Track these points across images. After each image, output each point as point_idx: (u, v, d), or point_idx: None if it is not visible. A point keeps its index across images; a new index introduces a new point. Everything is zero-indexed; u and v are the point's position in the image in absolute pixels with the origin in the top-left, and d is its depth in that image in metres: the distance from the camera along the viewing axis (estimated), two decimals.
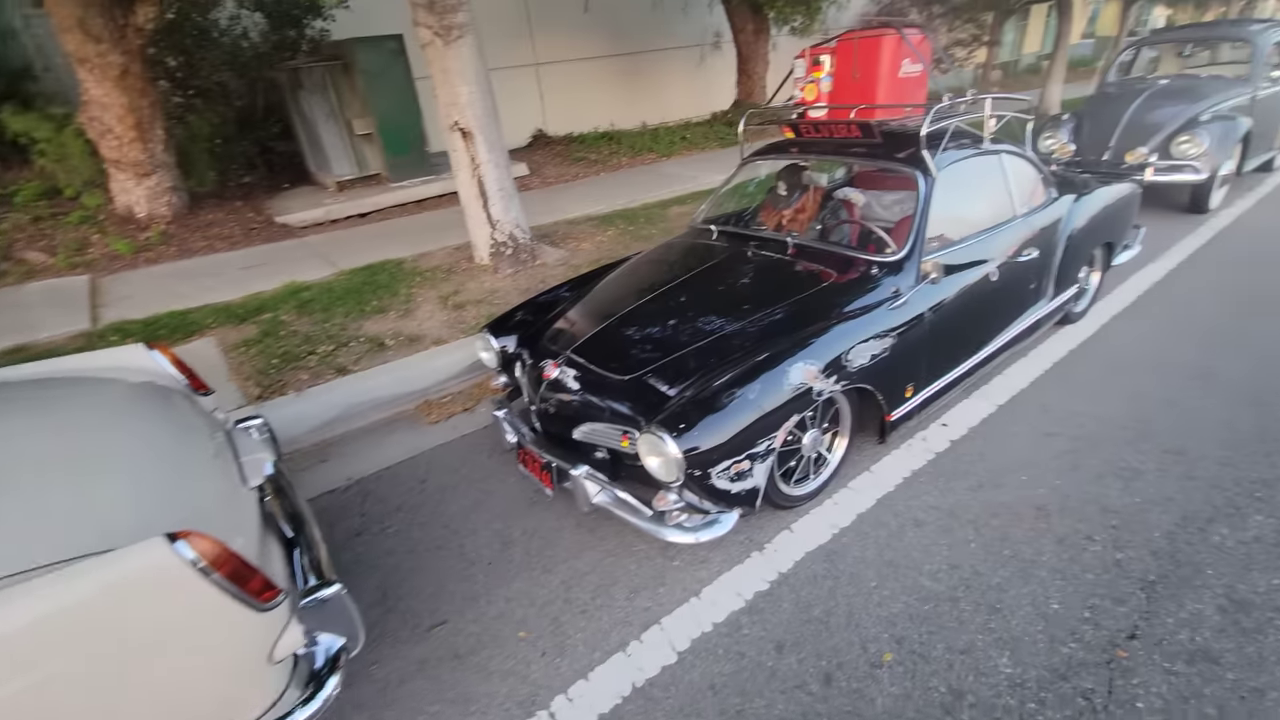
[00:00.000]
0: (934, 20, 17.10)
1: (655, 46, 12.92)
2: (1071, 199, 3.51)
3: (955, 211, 2.91)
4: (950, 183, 2.84)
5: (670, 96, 13.34)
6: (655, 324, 2.61)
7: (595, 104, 12.66)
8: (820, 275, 2.71)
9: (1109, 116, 5.88)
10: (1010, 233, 3.07)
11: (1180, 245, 5.02)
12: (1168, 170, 5.50)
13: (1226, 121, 5.51)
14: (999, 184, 3.12)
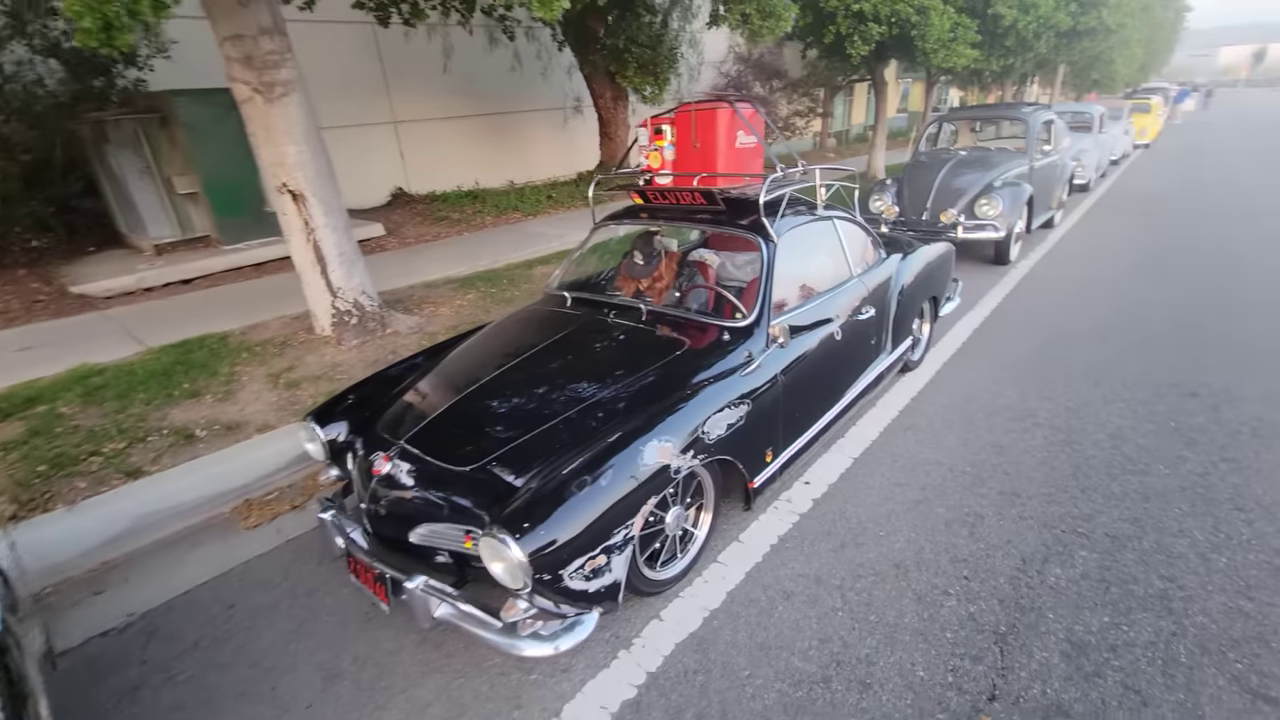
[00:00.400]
0: (775, 93, 18.89)
1: (518, 108, 13.04)
2: (899, 258, 3.79)
3: (798, 275, 2.99)
4: (791, 247, 2.92)
5: (536, 156, 13.45)
6: (501, 404, 2.39)
7: (459, 162, 12.46)
8: (674, 343, 2.64)
9: (923, 182, 6.60)
10: (849, 292, 3.21)
11: (991, 294, 5.64)
12: (974, 229, 6.23)
13: (1015, 187, 6.38)
14: (835, 247, 3.28)
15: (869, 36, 8.25)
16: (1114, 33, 9.81)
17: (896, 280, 3.67)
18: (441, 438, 2.25)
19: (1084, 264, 6.56)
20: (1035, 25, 7.88)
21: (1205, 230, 7.75)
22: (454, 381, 2.54)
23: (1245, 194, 10.20)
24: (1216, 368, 4.02)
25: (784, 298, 2.84)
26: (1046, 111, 7.27)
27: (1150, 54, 24.71)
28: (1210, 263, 6.32)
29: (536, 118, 13.29)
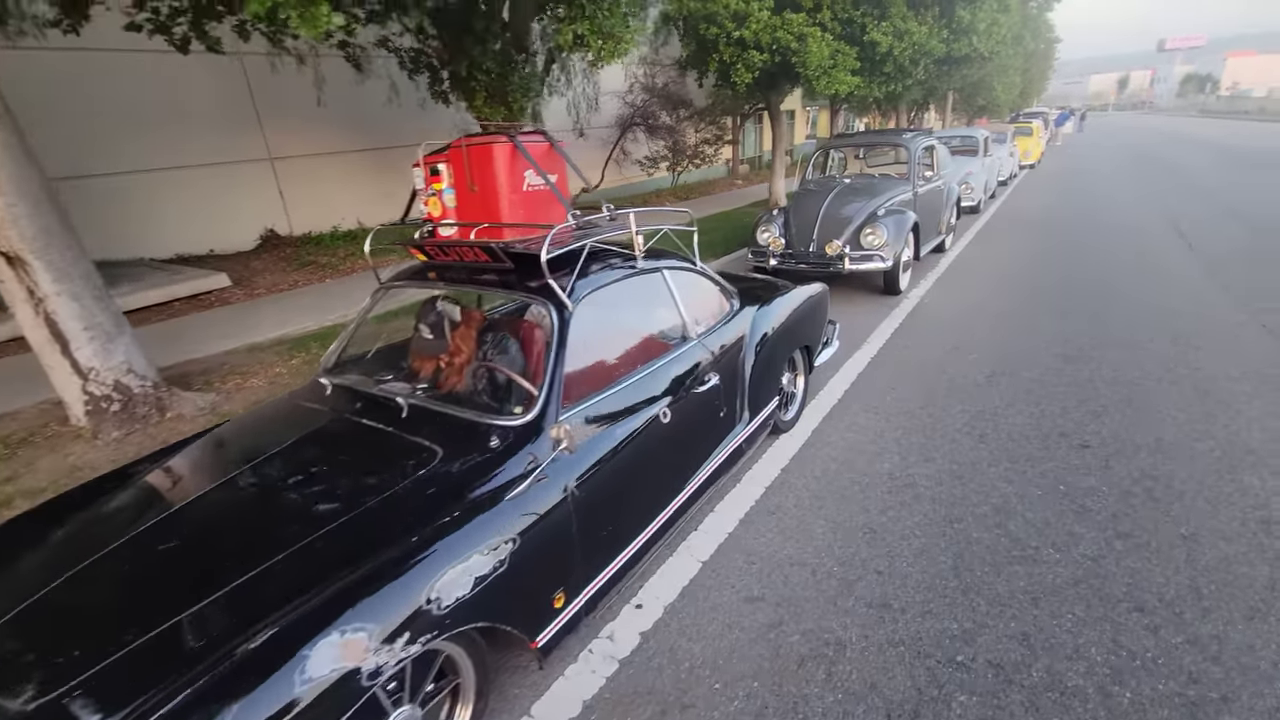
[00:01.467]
0: (682, 122, 18.81)
1: (403, 141, 12.20)
2: (754, 309, 3.25)
3: (609, 346, 2.38)
4: (599, 312, 2.31)
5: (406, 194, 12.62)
6: (142, 573, 1.63)
7: (346, 200, 11.55)
8: (424, 456, 1.94)
9: (808, 212, 6.24)
10: (684, 360, 2.62)
11: (878, 331, 5.25)
12: (861, 260, 5.89)
13: (898, 215, 6.09)
14: (665, 306, 2.69)
15: (752, 64, 7.98)
16: (989, 60, 10.01)
17: (753, 335, 3.12)
18: (23, 640, 1.46)
19: (973, 290, 6.33)
20: (911, 51, 7.82)
21: (1087, 246, 7.80)
22: (80, 544, 1.75)
23: (1121, 207, 10.56)
24: (1106, 409, 3.67)
25: (587, 378, 2.21)
26: (927, 137, 7.12)
27: (1028, 81, 26.39)
28: (1094, 284, 6.22)
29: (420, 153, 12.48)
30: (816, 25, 7.89)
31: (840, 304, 6.02)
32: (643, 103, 17.20)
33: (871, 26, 7.56)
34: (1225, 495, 2.82)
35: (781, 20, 7.75)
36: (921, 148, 6.87)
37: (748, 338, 3.08)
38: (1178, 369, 4.16)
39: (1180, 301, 5.58)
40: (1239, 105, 69.21)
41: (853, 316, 5.64)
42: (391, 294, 2.74)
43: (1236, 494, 2.82)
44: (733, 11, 7.83)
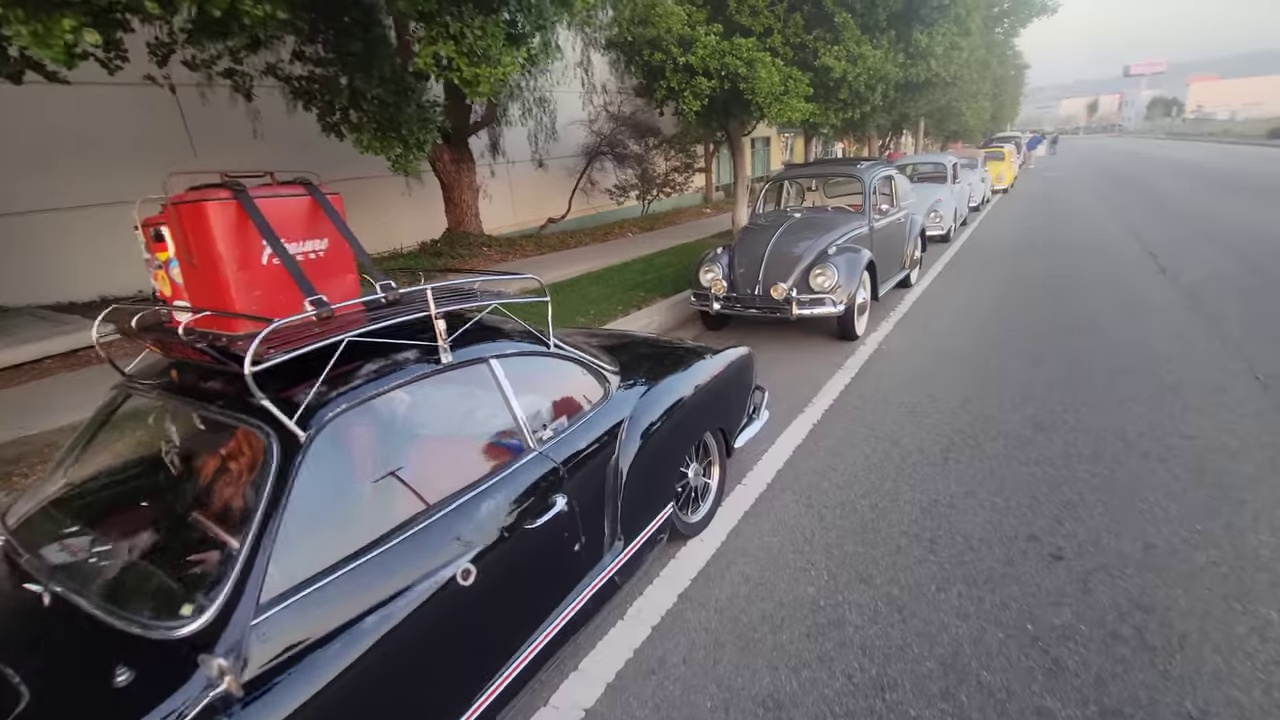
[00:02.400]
0: (651, 150, 18.40)
1: (354, 173, 11.61)
2: (641, 391, 2.57)
3: (373, 489, 1.67)
4: (361, 438, 1.62)
5: (381, 225, 12.01)
6: None
7: None
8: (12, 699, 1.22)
9: (755, 249, 5.62)
10: (510, 485, 1.90)
11: (827, 387, 4.58)
12: (810, 304, 5.25)
13: (851, 253, 5.48)
14: (489, 410, 1.99)
15: (700, 92, 7.43)
16: (952, 85, 9.59)
17: (634, 429, 2.43)
18: None
19: (938, 332, 5.70)
20: (866, 77, 7.32)
21: (1061, 277, 7.25)
22: None
23: (1094, 233, 10.10)
24: (1083, 498, 3.00)
25: (328, 543, 1.50)
26: (884, 167, 6.56)
27: (998, 106, 26.41)
28: (1070, 323, 5.62)
29: (377, 184, 11.89)
30: (767, 50, 7.38)
31: (789, 352, 5.37)
32: (610, 131, 16.76)
33: (824, 51, 7.06)
34: (1239, 640, 2.13)
35: (730, 45, 7.23)
36: (877, 179, 6.30)
37: (626, 433, 2.38)
38: (1167, 437, 3.52)
39: (1164, 343, 4.98)
40: (1204, 128, 70.80)
41: (801, 368, 4.98)
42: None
43: (1253, 638, 2.14)
44: (678, 37, 7.30)
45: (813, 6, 7.30)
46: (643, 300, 6.98)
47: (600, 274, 8.62)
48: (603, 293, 7.38)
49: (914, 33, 7.52)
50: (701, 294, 5.74)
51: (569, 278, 8.49)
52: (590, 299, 7.08)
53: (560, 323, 6.01)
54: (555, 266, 9.20)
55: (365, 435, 1.66)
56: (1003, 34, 15.58)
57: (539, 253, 10.82)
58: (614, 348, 3.07)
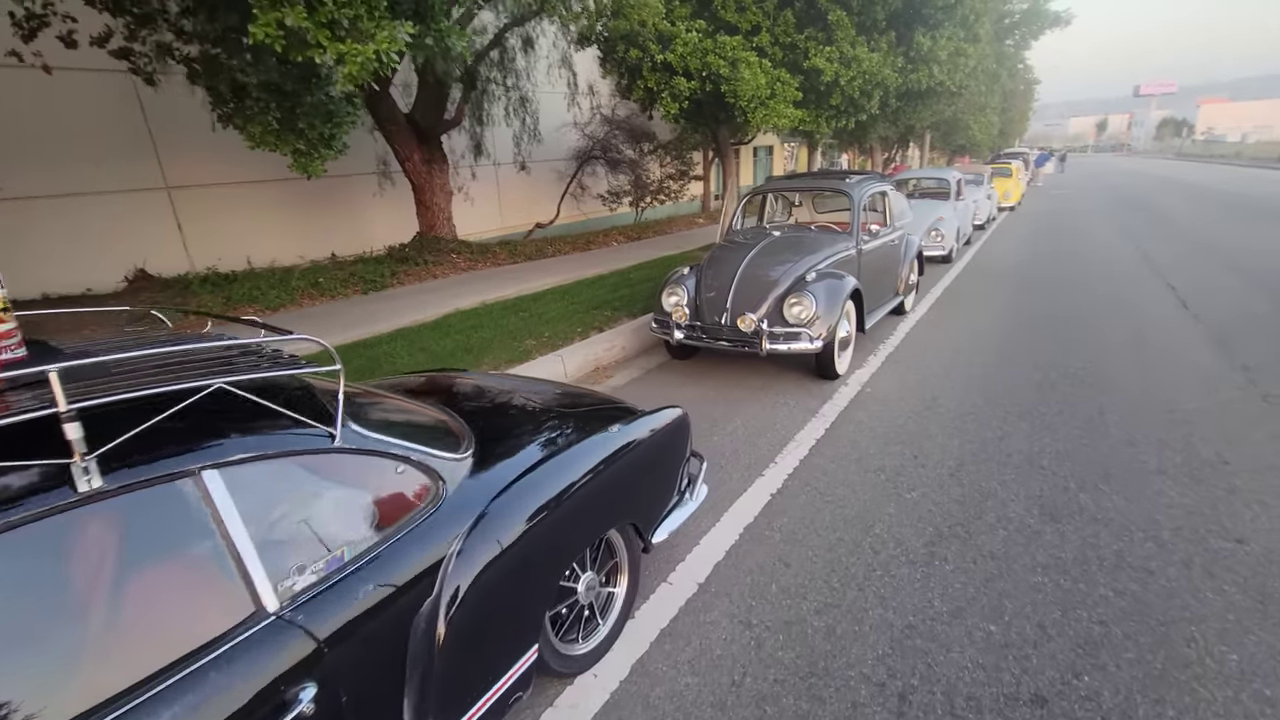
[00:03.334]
0: (645, 156, 17.71)
1: (344, 170, 10.94)
2: (505, 478, 1.83)
3: None
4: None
5: (351, 227, 11.35)
6: None
7: (260, 235, 10.27)
8: None
9: (724, 272, 4.89)
10: (206, 688, 1.18)
11: (794, 443, 3.84)
12: (784, 339, 4.52)
13: (832, 280, 4.74)
14: (186, 556, 1.26)
15: (679, 93, 6.71)
16: (958, 95, 8.87)
17: (478, 544, 1.68)
18: None
19: (931, 374, 4.96)
20: (860, 82, 6.60)
21: (1072, 309, 6.50)
22: None
23: (1107, 259, 9.35)
24: (1107, 632, 2.24)
25: None
26: (876, 182, 5.82)
27: (1006, 121, 25.67)
28: (1082, 368, 4.87)
29: (349, 184, 11.23)
30: (753, 50, 6.66)
31: (757, 392, 4.63)
32: (603, 134, 16.07)
33: (814, 51, 6.33)
34: None
35: (713, 44, 6.51)
36: (868, 195, 5.56)
37: (461, 552, 1.64)
38: (1211, 538, 2.76)
39: (1194, 398, 4.23)
40: (1215, 150, 69.85)
41: (768, 413, 4.24)
42: None
43: None
44: (656, 32, 6.59)
45: (805, 3, 6.59)
46: (606, 321, 6.26)
47: (569, 289, 7.91)
48: (563, 311, 6.66)
49: (915, 35, 6.79)
50: (664, 320, 5.02)
51: (533, 292, 7.77)
52: (547, 319, 6.36)
53: (501, 350, 5.28)
54: (523, 278, 8.49)
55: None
56: (1013, 46, 14.86)
57: (512, 261, 10.12)
58: (493, 409, 2.35)
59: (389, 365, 5.06)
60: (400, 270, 8.72)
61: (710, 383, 4.93)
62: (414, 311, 6.78)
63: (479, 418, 2.15)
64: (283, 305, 7.18)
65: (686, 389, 4.84)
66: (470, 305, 7.06)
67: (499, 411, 2.33)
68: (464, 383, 2.70)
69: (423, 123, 9.71)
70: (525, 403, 2.47)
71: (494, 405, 2.40)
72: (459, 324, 6.26)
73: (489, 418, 2.24)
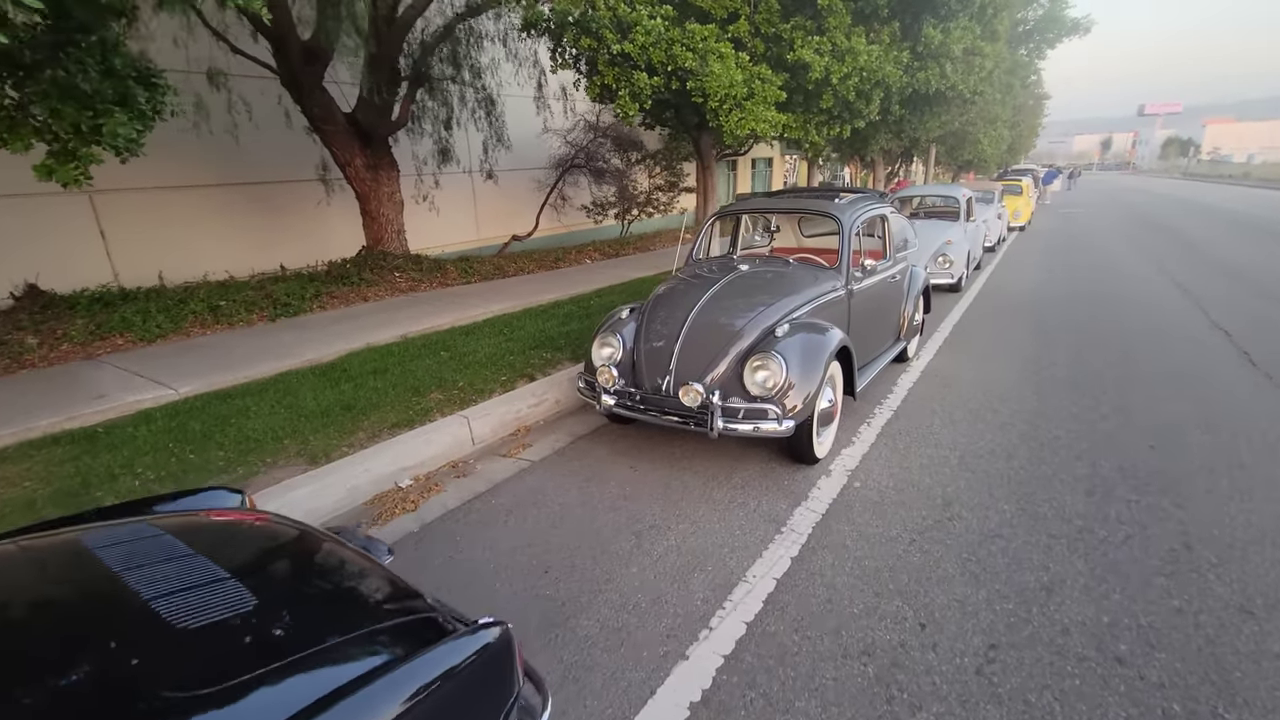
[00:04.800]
0: (633, 166, 16.57)
1: (275, 176, 9.81)
2: None
3: None
4: None
5: (302, 239, 10.18)
6: None
7: (203, 244, 9.19)
8: None
9: (673, 318, 3.68)
10: None
11: (736, 599, 2.58)
12: (744, 417, 3.30)
13: (811, 334, 3.52)
14: None
15: (640, 91, 5.53)
16: (971, 102, 7.71)
17: None
18: None
19: (941, 458, 3.73)
20: (856, 80, 5.41)
21: (1101, 352, 5.28)
22: None
23: (1135, 288, 8.11)
24: None
25: None
26: (874, 203, 4.61)
27: (1017, 136, 24.51)
28: (1123, 437, 3.65)
29: (299, 190, 10.06)
30: (729, 40, 5.48)
31: (711, 484, 3.36)
32: (586, 142, 14.93)
33: (800, 42, 5.15)
34: None
35: (680, 33, 5.33)
36: (862, 220, 4.34)
37: None
38: None
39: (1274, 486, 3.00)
40: (1222, 170, 68.66)
41: (715, 524, 3.02)
42: None
43: None
44: (614, 18, 5.42)
45: None
46: (542, 365, 5.05)
47: (514, 318, 6.71)
48: (495, 350, 5.46)
49: (924, 26, 5.59)
50: (591, 382, 3.81)
51: (470, 322, 6.57)
52: (471, 361, 5.16)
53: (393, 407, 3.97)
54: (466, 304, 7.30)
55: None
56: (1028, 55, 13.72)
57: (464, 281, 8.93)
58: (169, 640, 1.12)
59: (233, 429, 3.86)
60: (328, 291, 7.54)
61: (650, 461, 3.72)
62: (317, 346, 5.59)
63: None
64: (164, 336, 5.99)
65: (615, 470, 3.63)
66: (387, 340, 5.87)
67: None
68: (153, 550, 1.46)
69: (365, 123, 8.56)
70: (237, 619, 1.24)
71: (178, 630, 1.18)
72: (359, 367, 5.06)
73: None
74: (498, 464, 3.88)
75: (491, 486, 3.60)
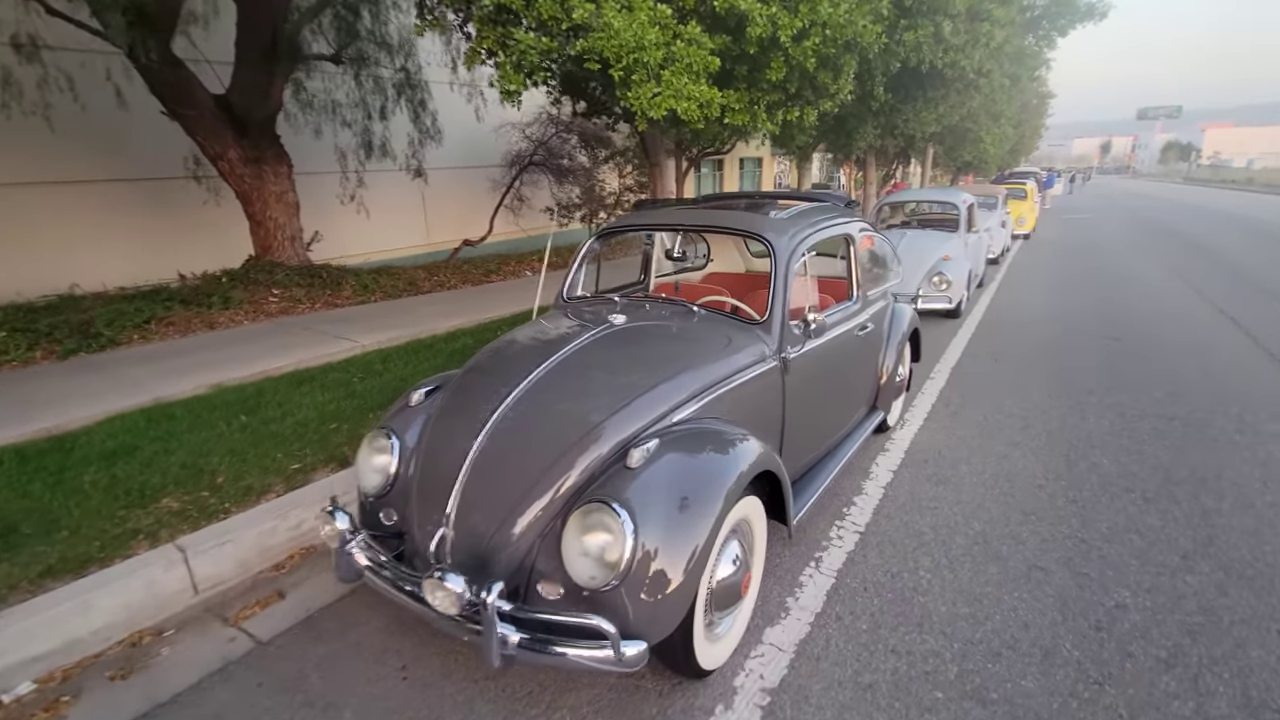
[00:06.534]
0: (600, 164, 14.98)
1: (161, 172, 8.19)
2: None
3: None
4: None
5: (186, 245, 8.56)
6: None
7: (86, 250, 7.75)
8: None
9: (469, 418, 2.09)
10: None
11: None
12: (555, 634, 1.71)
13: (695, 456, 1.92)
14: None
15: (524, 57, 3.94)
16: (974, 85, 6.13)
17: None
18: None
19: (920, 646, 2.16)
20: (817, 41, 3.81)
21: (1131, 395, 3.69)
22: None
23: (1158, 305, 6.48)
24: None
25: None
26: (832, 219, 3.00)
27: (1020, 137, 22.87)
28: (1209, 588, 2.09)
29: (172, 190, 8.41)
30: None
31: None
32: (549, 136, 13.33)
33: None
34: None
35: None
36: (805, 245, 2.72)
37: None
38: None
39: None
40: (1223, 175, 66.99)
41: None
42: None
43: None
44: None
45: None
46: (330, 458, 3.43)
47: (389, 355, 5.13)
48: (319, 413, 3.88)
49: None
50: (337, 513, 2.21)
51: (324, 362, 4.98)
52: (268, 434, 3.58)
53: (76, 538, 2.46)
54: (337, 334, 5.71)
55: None
56: (1036, 44, 12.13)
57: (357, 301, 7.33)
58: None
59: None
60: (168, 315, 5.95)
61: (445, 658, 2.15)
62: (76, 404, 4.02)
63: None
64: None
65: (378, 676, 2.06)
66: (187, 391, 4.29)
67: None
68: None
69: (240, 108, 6.97)
70: None
71: None
72: (102, 443, 3.49)
73: None
74: (202, 644, 2.32)
75: (152, 707, 2.05)
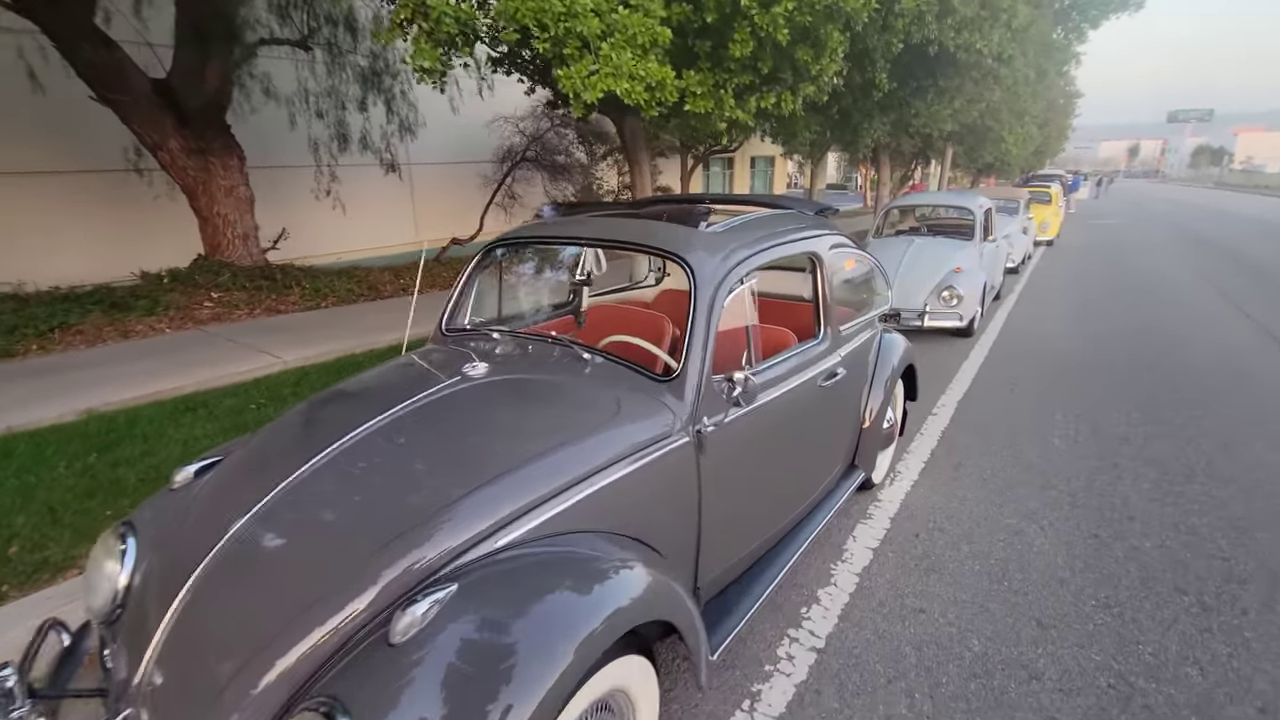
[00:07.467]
0: (597, 160, 14.29)
1: (81, 166, 7.64)
2: None
3: None
4: None
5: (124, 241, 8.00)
6: None
7: (46, 244, 7.40)
8: None
9: (204, 531, 1.38)
10: None
11: None
12: None
13: (506, 614, 1.19)
14: None
15: (442, 29, 3.23)
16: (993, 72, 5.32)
17: None
18: None
19: None
20: (790, 7, 3.03)
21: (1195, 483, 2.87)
22: None
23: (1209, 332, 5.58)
24: None
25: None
26: (785, 233, 2.24)
27: (1045, 137, 21.70)
28: None
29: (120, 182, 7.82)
30: None
31: None
32: (543, 131, 12.66)
33: None
34: None
35: None
36: (742, 272, 1.95)
37: None
38: None
39: None
40: (1257, 180, 64.36)
41: None
42: None
43: None
44: None
45: None
46: None
47: (293, 379, 4.46)
48: (149, 470, 3.20)
49: None
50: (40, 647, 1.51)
51: (219, 385, 4.32)
52: (63, 502, 2.90)
53: None
54: (260, 346, 5.05)
55: None
56: (1065, 37, 11.13)
57: (306, 306, 6.69)
58: None
59: None
60: (77, 324, 5.34)
61: None
62: None
63: None
64: None
65: None
66: (49, 419, 3.66)
67: None
68: None
69: (182, 94, 6.36)
70: None
71: None
72: None
73: None
74: None
75: None
